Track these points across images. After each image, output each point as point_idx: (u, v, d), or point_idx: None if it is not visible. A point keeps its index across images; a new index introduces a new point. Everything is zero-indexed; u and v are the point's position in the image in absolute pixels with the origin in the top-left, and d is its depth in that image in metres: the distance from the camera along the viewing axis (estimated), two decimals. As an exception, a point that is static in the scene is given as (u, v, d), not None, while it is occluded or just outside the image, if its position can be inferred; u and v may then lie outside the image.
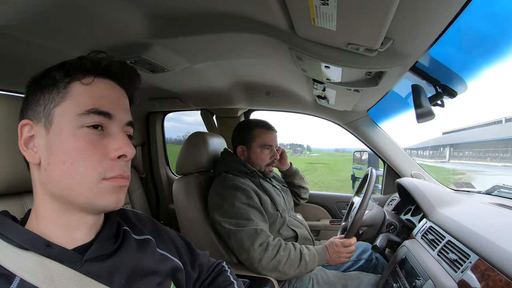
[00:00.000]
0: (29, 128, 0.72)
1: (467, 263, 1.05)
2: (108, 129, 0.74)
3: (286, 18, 1.03)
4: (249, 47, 1.39)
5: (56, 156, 0.69)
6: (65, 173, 0.68)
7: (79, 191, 0.69)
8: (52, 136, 0.70)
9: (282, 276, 1.68)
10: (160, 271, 0.85)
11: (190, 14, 1.18)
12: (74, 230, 0.73)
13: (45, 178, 0.71)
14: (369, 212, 1.74)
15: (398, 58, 1.10)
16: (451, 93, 1.50)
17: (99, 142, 0.71)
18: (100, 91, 0.74)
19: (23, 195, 0.97)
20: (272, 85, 2.30)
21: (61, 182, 0.69)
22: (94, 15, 1.09)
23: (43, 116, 0.71)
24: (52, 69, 0.74)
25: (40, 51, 1.31)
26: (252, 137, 2.12)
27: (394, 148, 2.51)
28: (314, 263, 1.71)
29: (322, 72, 1.31)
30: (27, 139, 0.72)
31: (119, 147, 0.73)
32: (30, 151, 0.72)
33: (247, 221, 1.74)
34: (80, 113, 0.70)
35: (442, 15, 0.86)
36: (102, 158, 0.71)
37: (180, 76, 1.93)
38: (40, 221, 0.72)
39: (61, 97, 0.71)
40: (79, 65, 0.73)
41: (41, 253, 0.67)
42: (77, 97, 0.71)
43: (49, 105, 0.71)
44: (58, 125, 0.70)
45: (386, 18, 0.79)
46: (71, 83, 0.72)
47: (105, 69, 0.76)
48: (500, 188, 1.86)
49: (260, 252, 1.65)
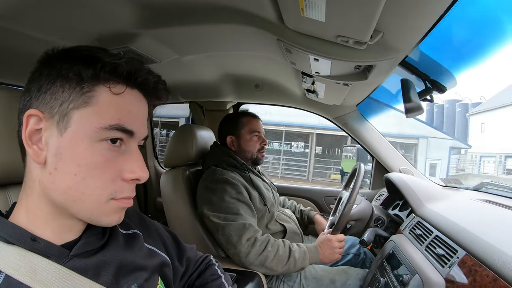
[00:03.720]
0: (36, 120, 0.65)
1: (455, 258, 1.05)
2: (126, 144, 0.70)
3: (275, 9, 1.01)
4: (238, 39, 1.38)
5: (67, 165, 0.64)
6: (74, 186, 0.65)
7: (84, 206, 0.67)
8: (66, 141, 0.64)
9: (270, 272, 1.68)
10: (148, 266, 0.84)
11: (178, 5, 1.16)
12: (65, 231, 0.71)
13: (49, 182, 0.65)
14: (357, 206, 1.74)
15: (387, 51, 1.10)
16: (440, 88, 1.50)
17: (115, 159, 0.68)
18: (127, 104, 0.69)
19: (7, 187, 0.93)
20: (261, 78, 2.30)
21: (66, 193, 0.65)
22: (82, 3, 1.06)
23: (57, 113, 0.64)
24: (76, 59, 0.66)
25: (27, 41, 1.27)
26: (240, 126, 2.12)
27: (383, 143, 2.52)
28: (305, 261, 1.70)
29: (311, 65, 1.30)
30: (32, 131, 0.65)
31: (134, 170, 0.70)
32: (35, 146, 0.65)
33: (236, 215, 1.73)
34: (103, 127, 0.65)
35: (432, 9, 0.86)
36: (115, 177, 0.68)
37: (169, 68, 1.90)
38: (31, 217, 0.68)
39: (83, 100, 0.64)
40: (114, 70, 0.66)
41: (26, 248, 0.64)
42: (103, 107, 0.65)
43: (67, 103, 0.64)
44: (75, 132, 0.64)
45: (375, 9, 0.78)
46: (98, 86, 0.65)
47: (139, 83, 0.71)
48: (488, 185, 1.87)
49: (248, 247, 1.64)
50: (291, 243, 1.76)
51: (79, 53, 0.67)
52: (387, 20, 0.88)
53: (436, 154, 18.90)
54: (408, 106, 1.39)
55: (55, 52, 0.68)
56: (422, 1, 0.81)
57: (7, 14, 1.04)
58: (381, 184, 2.47)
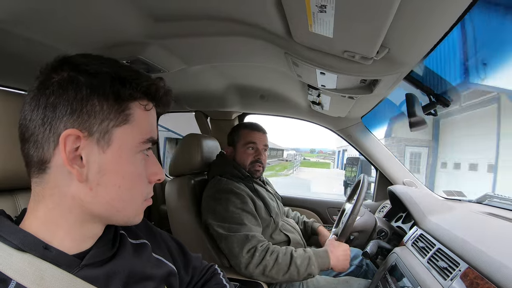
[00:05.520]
0: (74, 139, 0.64)
1: (457, 271, 1.05)
2: (148, 151, 0.76)
3: (283, 24, 1.03)
4: (246, 51, 1.40)
5: (111, 179, 0.68)
6: (118, 197, 0.70)
7: (126, 213, 0.73)
8: (109, 157, 0.67)
9: (272, 280, 1.67)
10: (156, 276, 0.85)
11: (188, 17, 1.18)
12: (81, 242, 0.71)
13: (89, 197, 0.67)
14: (361, 218, 1.75)
15: (393, 66, 1.11)
16: (444, 103, 1.52)
17: (145, 167, 0.75)
18: (152, 119, 0.76)
19: (15, 192, 0.94)
20: (267, 89, 2.31)
21: (109, 204, 0.69)
22: (92, 13, 1.09)
23: (97, 131, 0.65)
24: (111, 78, 0.67)
25: (37, 48, 1.29)
26: (237, 137, 2.13)
27: (387, 155, 2.52)
28: (311, 267, 1.65)
29: (317, 78, 1.31)
30: (72, 151, 0.64)
31: (156, 173, 0.77)
32: (76, 166, 0.65)
33: (240, 226, 1.74)
34: (142, 141, 0.72)
35: (438, 25, 0.87)
36: (146, 181, 0.76)
37: (176, 78, 1.93)
38: (51, 227, 0.68)
39: (123, 118, 0.68)
40: (147, 91, 0.72)
41: (38, 256, 0.64)
42: (139, 123, 0.71)
43: (107, 121, 0.66)
44: (118, 147, 0.68)
45: (382, 27, 0.80)
46: (133, 103, 0.70)
47: (160, 98, 0.77)
48: (491, 197, 1.87)
49: (248, 258, 1.65)
50: (295, 249, 1.73)
51: (108, 69, 0.68)
52: (393, 36, 0.90)
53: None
54: (413, 120, 1.40)
55: (77, 67, 0.66)
56: (428, 18, 0.82)
57: (16, 19, 1.07)
58: (385, 196, 2.47)
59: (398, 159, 2.52)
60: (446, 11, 0.80)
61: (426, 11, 0.79)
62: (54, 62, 0.67)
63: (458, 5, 0.77)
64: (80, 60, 0.67)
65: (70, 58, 0.68)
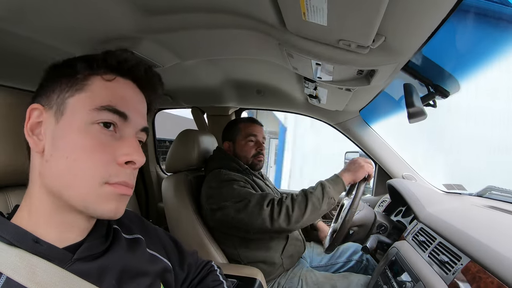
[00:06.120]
0: (38, 113, 0.69)
1: (458, 265, 1.04)
2: (121, 131, 0.71)
3: (276, 13, 1.01)
4: (239, 43, 1.38)
5: (61, 149, 0.66)
6: (66, 169, 0.65)
7: (77, 191, 0.66)
8: (61, 127, 0.67)
9: (300, 223, 1.66)
10: (150, 272, 0.84)
11: (180, 9, 1.16)
12: (65, 231, 0.70)
13: (46, 169, 0.67)
14: (360, 212, 1.73)
15: (390, 56, 1.09)
16: (443, 93, 1.50)
17: (108, 144, 0.68)
18: (120, 90, 0.72)
19: (6, 189, 0.93)
20: (263, 83, 2.31)
21: (60, 178, 0.66)
22: (84, 8, 1.07)
23: (55, 103, 0.68)
24: (74, 59, 0.73)
25: (29, 45, 1.28)
26: (237, 131, 2.14)
27: (386, 149, 2.51)
28: (326, 190, 1.67)
29: (313, 70, 1.30)
30: (34, 124, 0.69)
31: (128, 153, 0.69)
32: (35, 137, 0.68)
33: (251, 194, 1.74)
34: (95, 108, 0.67)
35: (435, 13, 0.85)
36: (108, 161, 0.68)
37: (171, 73, 1.92)
38: (33, 215, 0.68)
39: (78, 88, 0.69)
40: (104, 61, 0.71)
41: (28, 250, 0.64)
42: (95, 91, 0.69)
43: (63, 93, 0.68)
44: (70, 116, 0.67)
45: (377, 13, 0.78)
46: (91, 76, 0.70)
47: (130, 70, 0.74)
48: (492, 190, 1.86)
49: (269, 210, 1.64)
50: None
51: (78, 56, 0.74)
52: (389, 24, 0.88)
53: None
54: (411, 111, 1.38)
55: (61, 62, 0.74)
56: (424, 4, 0.81)
57: (11, 17, 1.05)
58: (384, 190, 2.46)
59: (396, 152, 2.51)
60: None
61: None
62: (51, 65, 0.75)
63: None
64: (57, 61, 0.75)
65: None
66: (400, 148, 2.45)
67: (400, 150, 2.46)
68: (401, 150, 2.46)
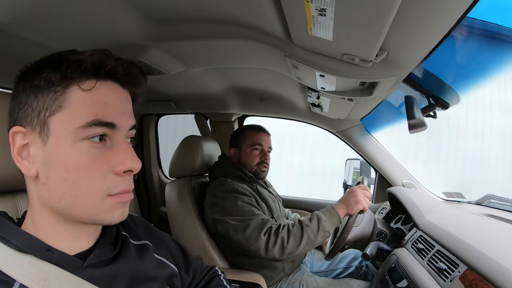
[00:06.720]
0: (22, 136, 0.65)
1: (456, 273, 1.06)
2: (111, 139, 0.68)
3: (283, 26, 1.03)
4: (245, 53, 1.40)
5: (56, 172, 0.63)
6: (67, 191, 0.64)
7: (82, 209, 0.66)
8: (50, 149, 0.63)
9: (293, 253, 1.64)
10: (158, 277, 0.85)
11: (188, 19, 1.19)
12: (73, 239, 0.70)
13: (44, 192, 0.65)
14: (356, 229, 1.73)
15: (392, 69, 1.12)
16: (443, 105, 1.52)
17: (102, 155, 0.66)
18: (102, 97, 0.66)
19: (16, 194, 0.94)
20: (267, 91, 2.31)
21: (62, 200, 0.64)
22: (93, 15, 1.09)
23: (37, 124, 0.64)
24: (45, 67, 0.65)
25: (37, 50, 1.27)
26: (243, 139, 2.13)
27: (386, 157, 2.53)
28: (322, 223, 1.64)
29: (317, 81, 1.32)
30: (20, 147, 0.65)
31: (123, 161, 0.67)
32: (24, 161, 0.65)
33: (253, 215, 1.74)
34: (81, 126, 0.63)
35: (437, 28, 0.87)
36: (106, 173, 0.66)
37: (176, 80, 1.93)
38: (39, 228, 0.68)
39: (57, 105, 0.63)
40: (78, 67, 0.64)
41: (41, 257, 0.64)
42: (76, 106, 0.63)
43: (43, 112, 0.63)
44: (56, 138, 0.63)
45: (382, 30, 0.80)
46: (68, 88, 0.64)
47: (108, 72, 0.68)
48: (490, 199, 1.87)
49: (266, 239, 1.64)
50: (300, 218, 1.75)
51: (47, 59, 0.66)
52: (392, 39, 0.90)
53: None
54: (412, 122, 1.40)
55: (29, 67, 0.67)
56: (427, 20, 0.83)
57: (19, 21, 1.06)
58: (384, 198, 2.47)
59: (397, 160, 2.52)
60: (445, 14, 0.80)
61: (425, 14, 0.79)
62: (18, 72, 0.69)
63: (457, 8, 0.77)
64: (36, 61, 0.68)
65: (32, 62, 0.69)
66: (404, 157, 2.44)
67: (402, 160, 2.47)
68: (403, 160, 2.47)
